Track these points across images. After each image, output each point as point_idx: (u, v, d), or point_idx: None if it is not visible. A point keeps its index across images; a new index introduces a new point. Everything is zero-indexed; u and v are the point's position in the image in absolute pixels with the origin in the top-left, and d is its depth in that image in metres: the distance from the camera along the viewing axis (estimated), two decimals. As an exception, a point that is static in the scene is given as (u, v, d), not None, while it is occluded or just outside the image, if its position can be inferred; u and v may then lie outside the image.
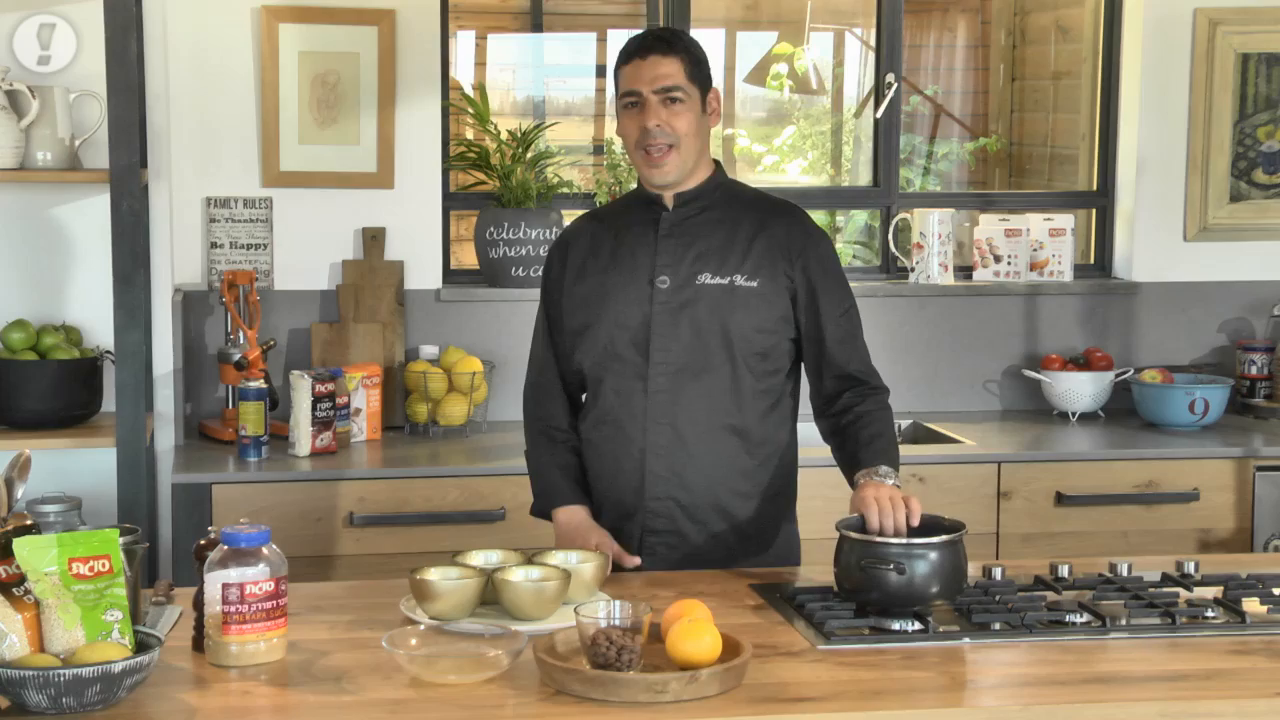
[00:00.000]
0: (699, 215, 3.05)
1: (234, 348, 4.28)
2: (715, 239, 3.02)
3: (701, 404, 2.99)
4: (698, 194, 3.05)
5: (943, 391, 4.79)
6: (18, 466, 2.48)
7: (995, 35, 6.56)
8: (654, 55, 2.98)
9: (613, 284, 3.04)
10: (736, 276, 2.99)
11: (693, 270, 3.00)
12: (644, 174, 3.02)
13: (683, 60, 2.99)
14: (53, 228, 4.17)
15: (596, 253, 3.08)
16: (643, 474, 3.01)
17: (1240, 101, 4.86)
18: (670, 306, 2.99)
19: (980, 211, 5.05)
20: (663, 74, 2.97)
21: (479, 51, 6.12)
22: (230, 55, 4.43)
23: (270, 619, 2.37)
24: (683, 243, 3.03)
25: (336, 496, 3.96)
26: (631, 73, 2.99)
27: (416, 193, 4.55)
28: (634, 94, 2.98)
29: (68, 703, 2.14)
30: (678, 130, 2.97)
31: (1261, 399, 4.77)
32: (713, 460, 3.01)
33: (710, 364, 2.99)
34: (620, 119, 3.03)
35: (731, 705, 2.23)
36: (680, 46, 3.00)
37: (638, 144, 2.99)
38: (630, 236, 3.06)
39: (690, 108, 2.98)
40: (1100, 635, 2.56)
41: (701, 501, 3.01)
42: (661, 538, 3.02)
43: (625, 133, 3.02)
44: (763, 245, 3.02)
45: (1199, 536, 4.27)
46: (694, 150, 3.00)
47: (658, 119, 2.96)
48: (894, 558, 2.57)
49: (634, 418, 3.00)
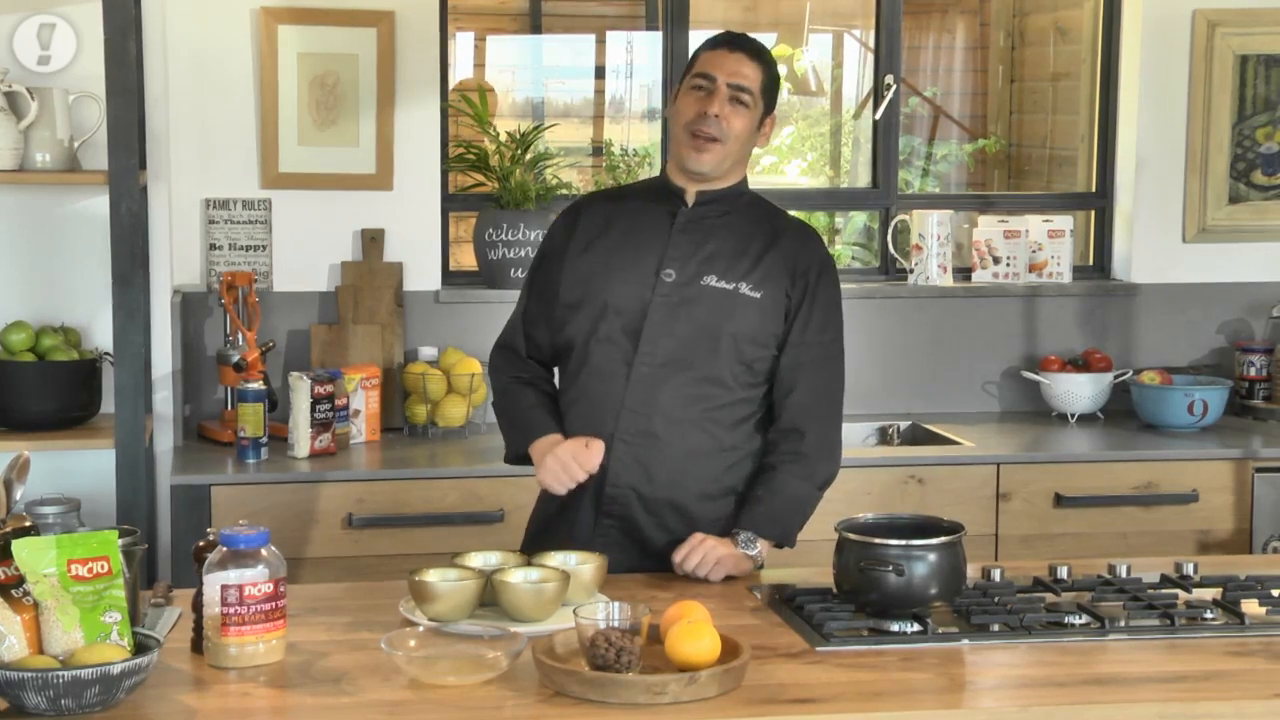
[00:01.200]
0: (717, 218, 3.05)
1: (233, 349, 4.28)
2: (728, 244, 3.02)
3: (680, 400, 2.98)
4: (721, 196, 3.06)
5: (942, 393, 4.80)
6: (17, 468, 2.48)
7: (994, 37, 6.57)
8: (741, 53, 3.01)
9: (618, 265, 3.02)
10: (742, 284, 2.99)
11: (700, 269, 3.00)
12: (682, 155, 3.01)
13: (763, 72, 3.02)
14: (52, 229, 4.17)
15: (607, 230, 3.07)
16: (608, 459, 2.98)
17: (1239, 103, 4.86)
18: (671, 300, 2.98)
19: (979, 213, 5.05)
20: (742, 72, 2.99)
21: (478, 53, 6.13)
22: (229, 57, 4.43)
23: (269, 620, 2.37)
24: (695, 240, 3.02)
25: (335, 498, 3.96)
26: (713, 59, 3.01)
27: (415, 194, 4.55)
28: (708, 78, 2.99)
29: (66, 704, 2.14)
30: (732, 128, 2.98)
31: (1260, 400, 4.77)
32: (680, 457, 2.99)
33: (697, 363, 2.98)
34: (681, 98, 3.03)
35: (731, 707, 2.23)
36: (766, 59, 3.05)
37: (688, 125, 2.99)
38: (644, 222, 3.06)
39: (751, 115, 3.00)
40: (1099, 637, 2.56)
41: (662, 496, 2.99)
42: (616, 522, 3.00)
43: (681, 111, 3.01)
44: (773, 259, 3.02)
45: (1198, 538, 4.27)
46: (735, 155, 3.02)
47: (720, 109, 2.97)
48: (893, 559, 2.57)
49: (610, 402, 2.98)
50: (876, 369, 4.73)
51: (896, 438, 4.67)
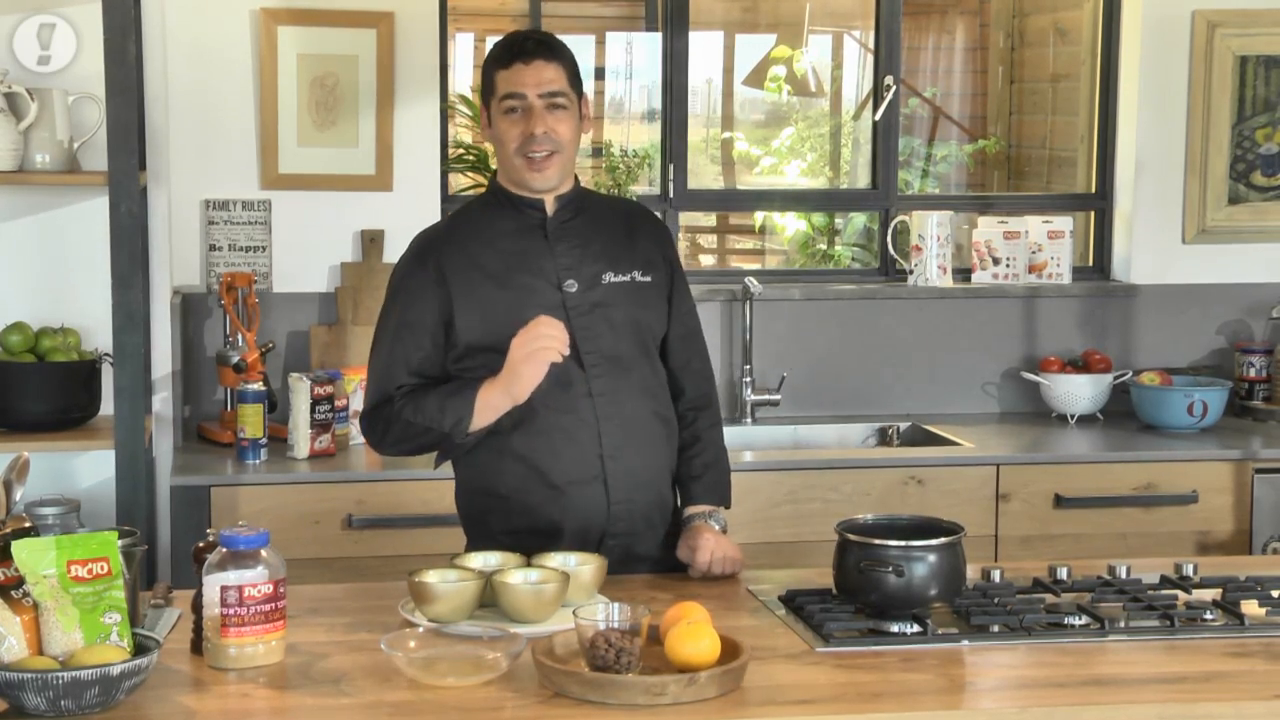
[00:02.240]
0: (576, 218, 3.01)
1: (233, 350, 4.27)
2: (602, 239, 3.01)
3: (639, 398, 2.98)
4: (574, 197, 3.03)
5: (941, 394, 4.79)
6: (16, 469, 2.48)
7: (994, 38, 6.57)
8: (539, 60, 2.92)
9: (516, 294, 2.93)
10: (635, 273, 3.00)
11: (595, 270, 2.98)
12: (524, 179, 2.94)
13: (564, 67, 2.95)
14: (51, 230, 4.17)
15: (480, 263, 2.96)
16: (605, 479, 2.94)
17: (1239, 104, 4.86)
18: (583, 309, 2.95)
19: (979, 214, 5.05)
20: (548, 79, 2.92)
21: (477, 54, 6.13)
22: (229, 57, 4.43)
23: (269, 621, 2.37)
24: (576, 244, 2.99)
25: (335, 499, 3.96)
26: (513, 76, 2.93)
27: (415, 195, 4.55)
28: (517, 96, 2.92)
29: (66, 705, 2.14)
30: (562, 136, 2.93)
31: (1260, 401, 4.77)
32: (653, 452, 3.00)
33: (632, 358, 2.98)
34: (498, 123, 2.95)
35: (730, 708, 2.23)
36: (561, 52, 2.96)
37: (519, 149, 2.93)
38: (514, 243, 2.98)
39: (572, 114, 2.96)
40: (1099, 637, 2.56)
41: (652, 498, 2.99)
42: (620, 540, 2.97)
43: (504, 137, 2.94)
44: (641, 241, 3.04)
45: (1197, 539, 4.27)
46: (573, 156, 3.00)
47: (544, 125, 2.91)
48: (893, 560, 2.57)
49: (585, 424, 2.92)
50: (876, 370, 4.74)
51: (896, 438, 4.67)
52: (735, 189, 6.88)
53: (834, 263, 6.29)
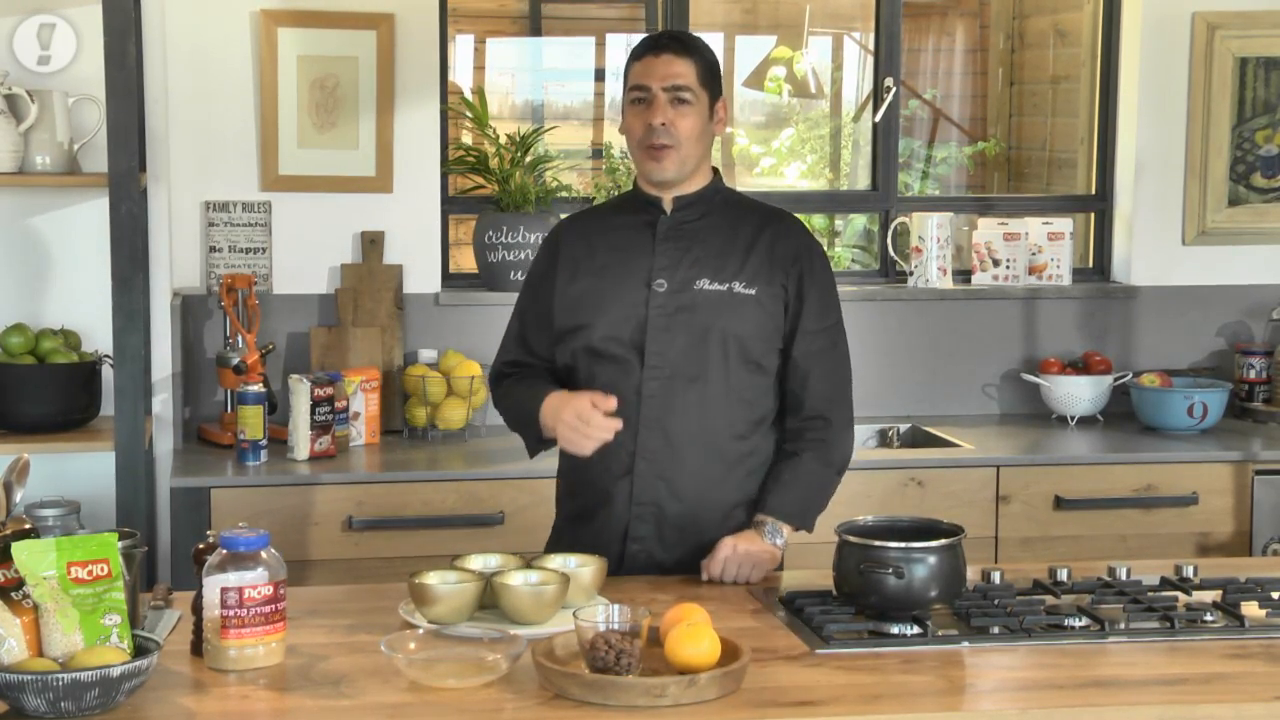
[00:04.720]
0: (698, 220, 3.02)
1: (233, 352, 4.27)
2: (713, 244, 3.00)
3: (694, 410, 2.96)
4: (697, 199, 3.03)
5: (941, 395, 4.80)
6: (16, 470, 2.48)
7: (994, 39, 6.57)
8: (668, 54, 2.96)
9: (608, 285, 3.00)
10: (735, 283, 2.97)
11: (690, 275, 2.98)
12: (643, 168, 3.00)
13: (696, 63, 2.97)
14: (51, 232, 4.17)
15: (590, 253, 3.05)
16: (631, 479, 2.96)
17: (1238, 105, 4.86)
18: (666, 310, 2.96)
19: (979, 215, 5.05)
20: (675, 73, 2.95)
21: (478, 55, 6.13)
22: (229, 59, 4.43)
23: (269, 623, 2.37)
24: (680, 246, 3.00)
25: (335, 500, 3.96)
26: (643, 69, 2.97)
27: (415, 196, 4.55)
28: (643, 89, 2.96)
29: (66, 707, 2.14)
30: (681, 131, 2.95)
31: (1260, 403, 4.77)
32: (701, 468, 2.96)
33: (705, 370, 2.96)
34: (626, 114, 3.00)
35: (730, 709, 2.23)
36: (695, 49, 2.99)
37: (640, 141, 2.97)
38: (625, 237, 3.04)
39: (697, 111, 2.97)
40: (1099, 639, 2.56)
41: (686, 510, 2.96)
42: (642, 545, 2.98)
43: (630, 128, 2.99)
44: (761, 253, 3.00)
45: (1198, 540, 4.27)
46: (695, 154, 2.99)
47: (664, 117, 2.94)
48: (893, 561, 2.57)
49: (625, 422, 2.92)
50: (876, 371, 4.73)
51: (896, 440, 4.67)
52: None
53: (834, 264, 6.28)
